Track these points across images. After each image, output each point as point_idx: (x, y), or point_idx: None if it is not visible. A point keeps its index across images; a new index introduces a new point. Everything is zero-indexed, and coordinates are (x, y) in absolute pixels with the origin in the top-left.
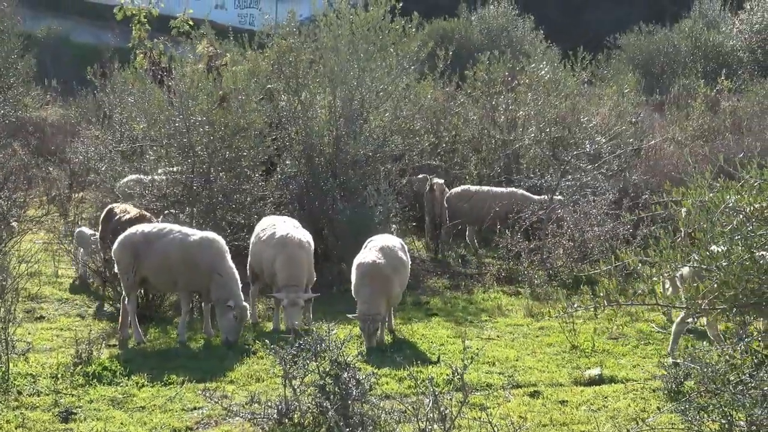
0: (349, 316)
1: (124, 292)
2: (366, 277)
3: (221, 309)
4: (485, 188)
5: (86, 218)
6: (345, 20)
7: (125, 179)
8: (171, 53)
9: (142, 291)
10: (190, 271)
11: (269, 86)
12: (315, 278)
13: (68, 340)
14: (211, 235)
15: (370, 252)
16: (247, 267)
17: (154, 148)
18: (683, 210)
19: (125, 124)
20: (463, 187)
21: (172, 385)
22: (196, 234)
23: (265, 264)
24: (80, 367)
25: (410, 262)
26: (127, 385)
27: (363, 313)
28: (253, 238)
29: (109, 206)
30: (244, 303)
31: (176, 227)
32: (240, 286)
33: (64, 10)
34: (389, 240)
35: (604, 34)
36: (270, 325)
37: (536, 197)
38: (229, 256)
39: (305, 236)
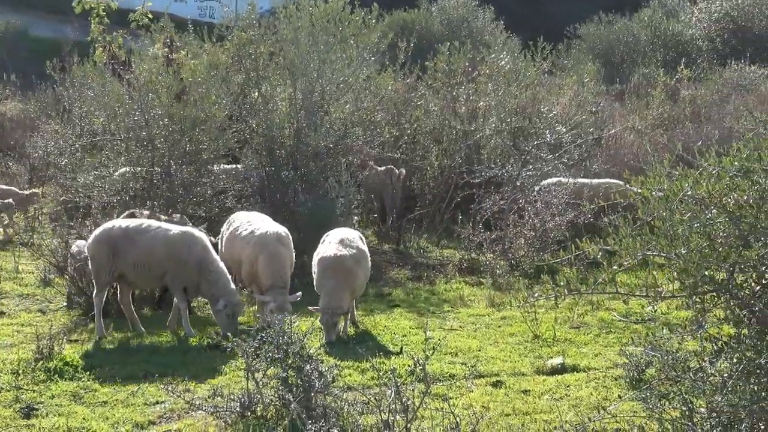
0: (311, 308)
1: (95, 289)
2: (329, 270)
3: (214, 305)
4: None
5: (46, 213)
6: (305, 12)
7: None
8: (130, 47)
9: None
10: (178, 267)
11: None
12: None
13: (29, 335)
14: (193, 230)
15: (330, 245)
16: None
17: (114, 142)
18: (642, 198)
19: (85, 118)
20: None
21: (134, 380)
22: (179, 229)
23: (244, 263)
24: (41, 362)
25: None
26: (88, 380)
27: (325, 306)
28: (225, 233)
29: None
30: (239, 298)
31: (155, 222)
32: (231, 280)
33: (22, 4)
34: (348, 233)
35: (564, 24)
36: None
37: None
38: (214, 251)
39: (285, 232)
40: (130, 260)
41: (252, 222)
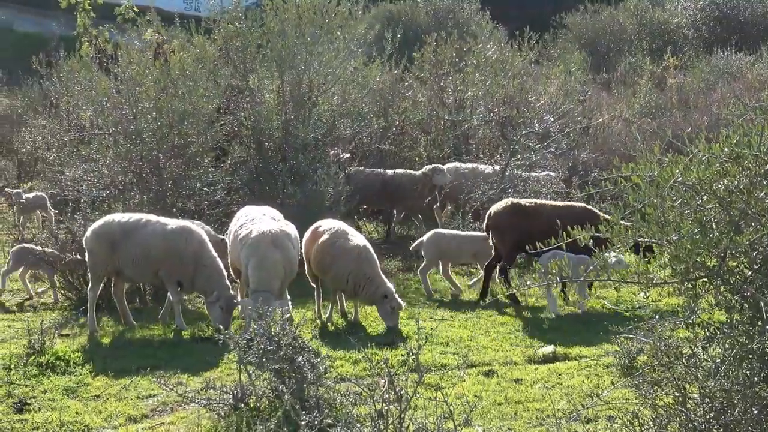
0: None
1: (90, 282)
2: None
3: (209, 299)
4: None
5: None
6: (291, 4)
7: None
8: (117, 40)
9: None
10: (174, 261)
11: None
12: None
13: (20, 330)
14: (191, 225)
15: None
16: (231, 265)
17: (102, 136)
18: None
19: (72, 112)
20: None
21: (126, 373)
22: (175, 223)
23: (242, 266)
24: (33, 357)
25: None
26: (81, 374)
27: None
28: (231, 232)
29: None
30: (232, 292)
31: (153, 217)
32: (225, 275)
33: None
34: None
35: (550, 14)
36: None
37: None
38: (210, 246)
39: (284, 231)
40: (129, 255)
41: (255, 220)
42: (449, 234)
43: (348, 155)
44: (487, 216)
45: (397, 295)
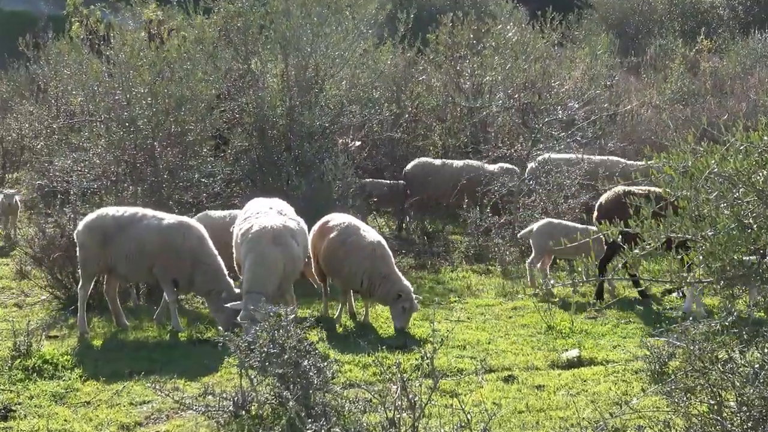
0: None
1: (81, 280)
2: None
3: (212, 300)
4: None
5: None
6: None
7: None
8: (109, 20)
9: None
10: (171, 258)
11: None
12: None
13: (5, 331)
14: (190, 220)
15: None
16: (235, 263)
17: (93, 123)
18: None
19: (61, 98)
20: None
21: (118, 378)
22: (174, 218)
23: (242, 264)
24: (19, 360)
25: None
26: (70, 379)
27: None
28: (235, 228)
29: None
30: (237, 290)
31: (149, 211)
32: (227, 273)
33: None
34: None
35: None
36: None
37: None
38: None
39: (286, 226)
40: (123, 250)
41: (260, 213)
42: (562, 224)
43: (357, 144)
44: (597, 207)
45: (413, 296)
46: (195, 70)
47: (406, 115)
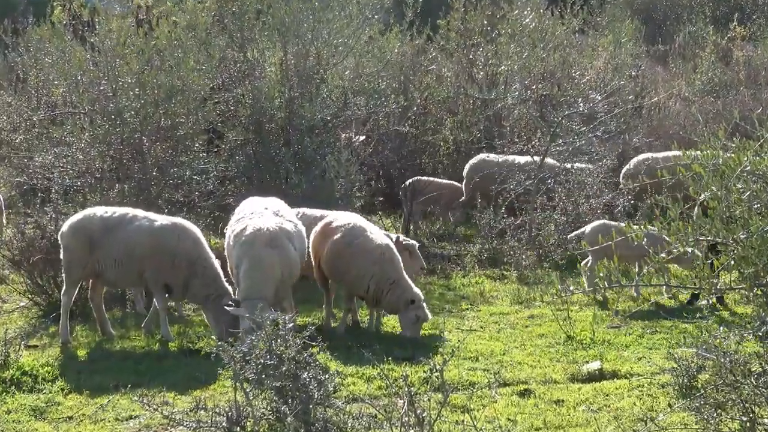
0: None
1: (64, 285)
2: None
3: (210, 308)
4: None
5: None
6: None
7: None
8: (94, 4)
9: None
10: (163, 262)
11: None
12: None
13: None
14: (184, 221)
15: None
16: (229, 268)
17: (77, 115)
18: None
19: (42, 88)
20: None
21: (103, 391)
22: (168, 219)
23: (235, 269)
24: None
25: None
26: (50, 392)
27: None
28: (228, 231)
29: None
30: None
31: (140, 212)
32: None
33: None
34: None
35: None
36: None
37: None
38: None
39: (282, 228)
40: (111, 254)
41: (254, 213)
42: (618, 226)
43: (362, 138)
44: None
45: (424, 304)
46: (186, 58)
47: (415, 108)
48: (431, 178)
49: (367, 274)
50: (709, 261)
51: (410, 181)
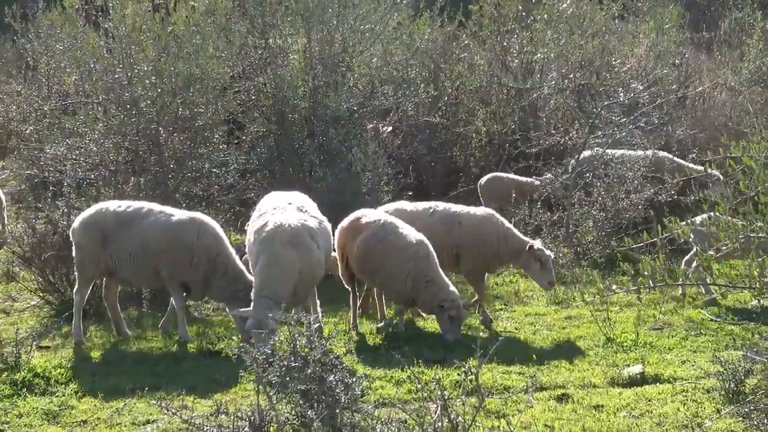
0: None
1: (77, 284)
2: None
3: (234, 306)
4: None
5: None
6: None
7: None
8: None
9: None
10: (181, 259)
11: None
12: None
13: None
14: (204, 216)
15: None
16: (251, 267)
17: (90, 105)
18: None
19: (54, 76)
20: None
21: (119, 394)
22: (186, 214)
23: (255, 267)
24: (6, 374)
25: None
26: (64, 395)
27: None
28: (249, 227)
29: None
30: None
31: (156, 206)
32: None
33: None
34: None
35: None
36: None
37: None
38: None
39: (306, 227)
40: (125, 251)
41: (277, 209)
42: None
43: (389, 129)
44: None
45: (461, 302)
46: (205, 45)
47: (446, 98)
48: (508, 174)
49: (403, 272)
50: (760, 259)
51: (487, 177)
